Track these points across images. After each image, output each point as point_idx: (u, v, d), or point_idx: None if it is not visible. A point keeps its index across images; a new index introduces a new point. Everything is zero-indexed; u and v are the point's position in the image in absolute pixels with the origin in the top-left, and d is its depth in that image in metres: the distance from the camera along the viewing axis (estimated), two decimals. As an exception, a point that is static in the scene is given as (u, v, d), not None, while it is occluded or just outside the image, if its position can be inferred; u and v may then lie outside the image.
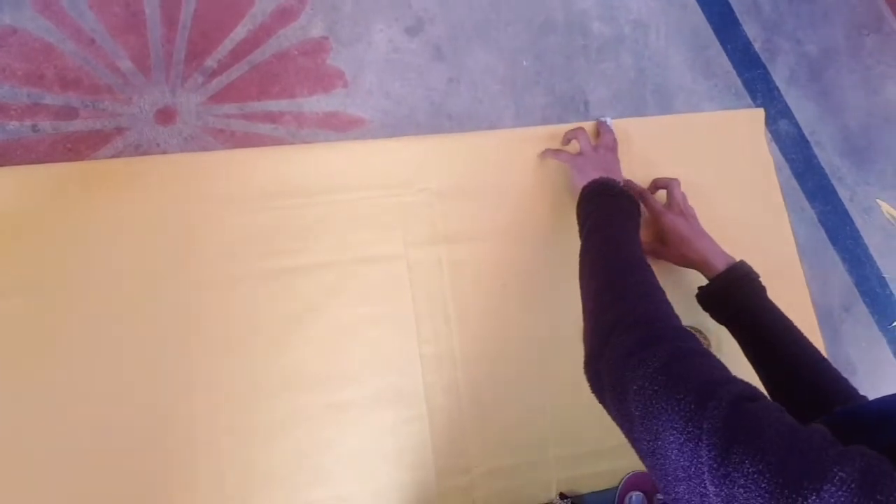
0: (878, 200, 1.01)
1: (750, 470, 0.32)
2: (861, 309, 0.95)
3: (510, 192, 0.84)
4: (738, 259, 0.72)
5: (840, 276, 0.97)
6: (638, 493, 0.75)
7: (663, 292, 0.55)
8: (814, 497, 0.29)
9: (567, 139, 0.83)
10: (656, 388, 0.41)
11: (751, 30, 1.03)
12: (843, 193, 1.00)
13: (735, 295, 0.70)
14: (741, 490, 0.32)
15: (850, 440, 0.33)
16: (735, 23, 1.03)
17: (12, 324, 0.70)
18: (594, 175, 0.70)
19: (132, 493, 0.69)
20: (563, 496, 0.76)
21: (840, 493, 0.28)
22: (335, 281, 0.78)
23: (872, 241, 0.99)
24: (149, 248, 0.75)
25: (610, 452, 0.63)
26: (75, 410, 0.69)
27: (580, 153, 0.75)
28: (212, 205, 0.77)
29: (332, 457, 0.74)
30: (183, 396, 0.72)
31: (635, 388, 0.42)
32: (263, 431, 0.73)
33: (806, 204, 0.98)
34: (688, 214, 0.75)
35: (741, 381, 0.40)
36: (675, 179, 0.79)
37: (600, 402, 0.48)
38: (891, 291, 0.95)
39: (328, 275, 0.78)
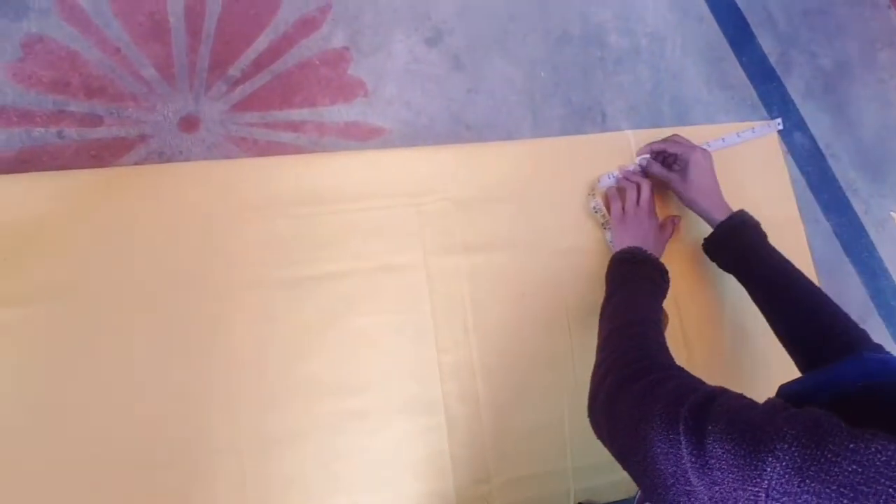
0: (892, 213, 1.01)
1: (720, 452, 0.36)
2: (876, 321, 0.95)
3: (529, 203, 0.85)
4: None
5: (855, 289, 0.97)
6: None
7: (660, 342, 0.60)
8: (770, 458, 0.32)
9: (620, 187, 0.84)
10: (643, 411, 0.44)
11: (766, 43, 1.03)
12: (858, 206, 1.00)
13: (734, 241, 0.77)
14: (718, 473, 0.35)
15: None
16: (750, 36, 1.03)
17: (33, 330, 0.71)
18: (627, 241, 0.76)
19: (151, 498, 0.69)
20: (581, 506, 0.76)
21: (792, 448, 0.31)
22: (355, 289, 0.79)
23: (887, 253, 0.99)
24: (170, 254, 0.76)
25: (627, 463, 0.63)
26: (95, 416, 0.70)
27: (623, 212, 0.80)
28: (234, 212, 0.78)
29: (350, 465, 0.75)
30: (202, 403, 0.73)
31: (626, 418, 0.46)
32: (283, 438, 0.74)
33: (821, 216, 0.98)
34: (688, 171, 0.80)
35: (710, 386, 0.45)
36: (668, 140, 0.85)
37: (601, 441, 0.52)
38: (906, 304, 0.96)
39: (348, 283, 0.79)
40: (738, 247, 0.77)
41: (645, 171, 0.86)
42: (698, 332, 0.86)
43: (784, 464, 0.31)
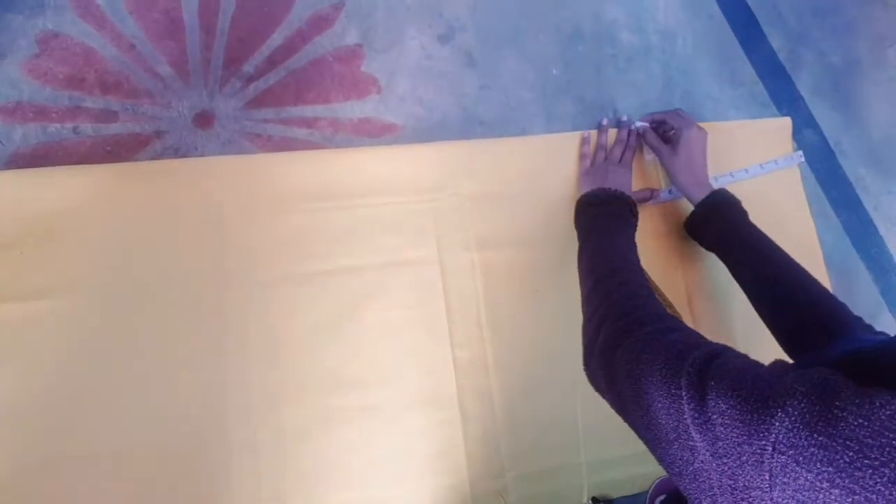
0: (902, 210, 1.02)
1: (724, 408, 0.36)
2: (887, 318, 0.96)
3: (541, 198, 0.85)
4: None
5: (866, 286, 0.97)
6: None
7: (647, 287, 0.60)
8: (780, 413, 0.32)
9: (599, 143, 0.86)
10: (641, 366, 0.44)
11: (775, 40, 1.04)
12: (868, 203, 1.00)
13: (715, 219, 0.78)
14: (721, 429, 0.35)
15: None
16: (760, 34, 1.04)
17: (48, 324, 0.71)
18: (589, 188, 0.77)
19: (168, 492, 0.70)
20: (595, 500, 0.76)
21: (802, 405, 0.32)
22: (369, 284, 0.79)
23: (897, 250, 0.99)
24: (185, 249, 0.76)
25: (640, 457, 0.64)
26: (110, 409, 0.70)
27: (591, 166, 0.82)
28: (248, 207, 0.78)
29: (365, 459, 0.75)
30: (218, 397, 0.73)
31: (624, 371, 0.46)
32: (298, 432, 0.74)
33: (831, 213, 0.98)
34: (680, 144, 0.82)
35: (713, 343, 0.45)
36: (671, 113, 0.87)
37: (599, 393, 0.53)
38: (917, 300, 0.96)
39: (362, 278, 0.79)
40: (719, 225, 0.77)
41: (642, 138, 0.89)
42: (709, 329, 0.86)
43: (794, 418, 0.32)
